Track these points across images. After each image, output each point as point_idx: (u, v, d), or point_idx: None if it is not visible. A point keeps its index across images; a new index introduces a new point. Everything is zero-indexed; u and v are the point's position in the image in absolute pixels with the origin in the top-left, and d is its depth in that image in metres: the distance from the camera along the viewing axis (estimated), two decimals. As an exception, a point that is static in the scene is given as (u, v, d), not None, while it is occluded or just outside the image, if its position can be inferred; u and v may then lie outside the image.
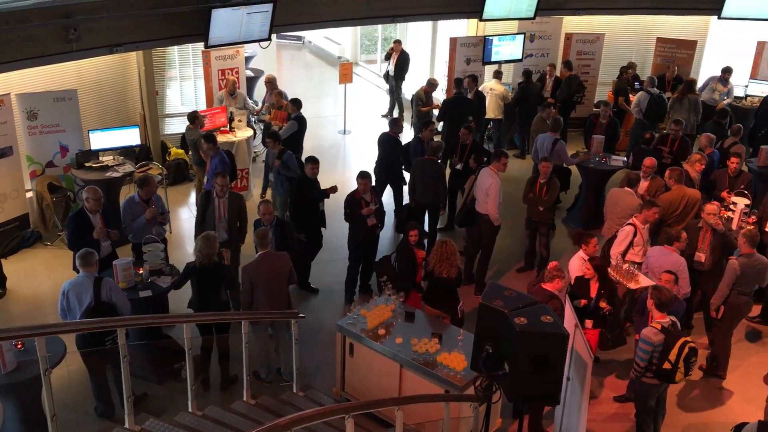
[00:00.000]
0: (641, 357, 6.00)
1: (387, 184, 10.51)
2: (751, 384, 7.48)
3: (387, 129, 10.57)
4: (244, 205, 8.45)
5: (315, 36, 20.75)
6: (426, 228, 9.66)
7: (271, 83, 12.21)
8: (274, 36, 11.04)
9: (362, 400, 6.38)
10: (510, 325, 4.70)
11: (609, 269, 7.34)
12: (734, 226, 8.55)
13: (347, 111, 14.62)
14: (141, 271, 7.40)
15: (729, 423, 5.62)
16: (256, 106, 12.94)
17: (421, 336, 6.57)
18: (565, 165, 10.79)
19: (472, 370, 5.32)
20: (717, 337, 7.61)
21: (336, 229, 9.31)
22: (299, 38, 21.37)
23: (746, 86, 14.09)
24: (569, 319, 5.58)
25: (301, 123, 10.90)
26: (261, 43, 10.67)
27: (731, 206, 8.87)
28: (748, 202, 8.91)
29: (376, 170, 10.30)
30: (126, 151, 10.65)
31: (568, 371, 5.35)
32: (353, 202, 8.36)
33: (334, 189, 9.02)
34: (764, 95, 13.14)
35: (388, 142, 10.35)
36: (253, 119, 12.66)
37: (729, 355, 7.58)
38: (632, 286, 7.36)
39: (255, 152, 12.78)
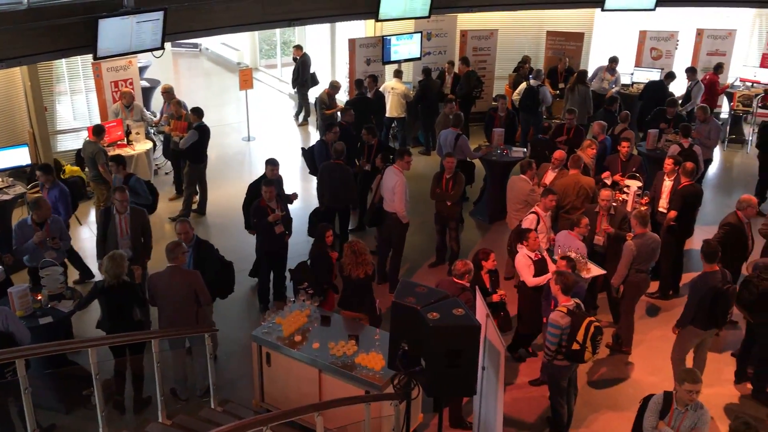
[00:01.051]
0: (551, 341, 6.20)
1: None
2: (654, 357, 7.87)
3: (293, 133, 10.48)
4: (147, 219, 8.18)
5: (212, 42, 20.37)
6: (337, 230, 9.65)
7: (168, 93, 11.88)
8: (168, 44, 10.75)
9: (282, 409, 6.30)
10: (423, 320, 4.76)
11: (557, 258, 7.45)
12: (629, 208, 8.97)
13: (250, 117, 14.42)
14: (39, 297, 7.03)
15: (637, 396, 5.87)
16: (154, 117, 12.56)
17: (338, 339, 6.56)
18: (468, 159, 11.03)
19: (390, 368, 5.36)
20: (620, 315, 7.97)
21: (248, 237, 9.16)
22: (196, 45, 20.91)
23: (632, 74, 14.85)
24: (480, 310, 5.71)
25: (203, 132, 10.65)
26: (154, 52, 10.35)
27: (625, 189, 9.31)
28: (640, 184, 9.38)
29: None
30: (16, 172, 10.11)
31: (483, 361, 5.47)
32: (259, 211, 8.23)
33: (294, 195, 9.10)
34: (648, 82, 13.88)
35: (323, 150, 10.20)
36: (152, 131, 12.29)
37: (633, 331, 7.96)
38: (584, 275, 7.48)
39: (156, 165, 12.42)
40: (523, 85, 13.17)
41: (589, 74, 14.11)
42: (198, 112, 10.71)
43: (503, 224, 10.01)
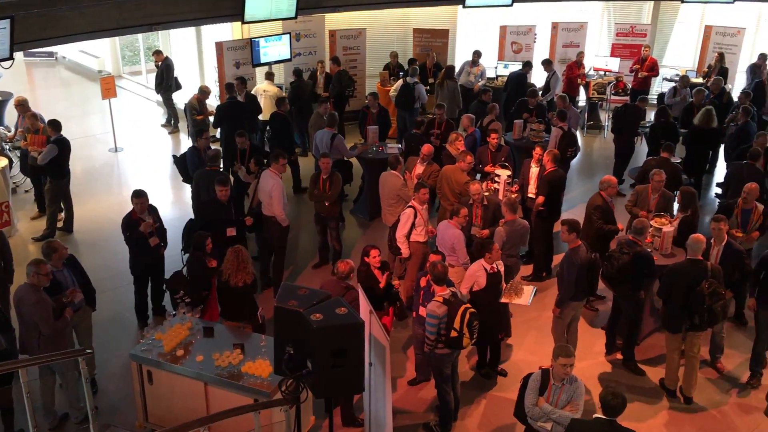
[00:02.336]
0: (430, 331, 6.31)
1: None
2: (532, 337, 8.23)
3: (163, 141, 10.12)
4: (7, 242, 7.65)
5: (69, 50, 19.28)
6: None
7: (22, 106, 11.10)
8: (19, 54, 10.06)
9: (167, 427, 6.08)
10: (307, 323, 4.74)
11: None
12: (501, 197, 9.34)
13: (116, 127, 13.78)
14: None
15: (519, 376, 6.11)
16: (9, 132, 11.75)
17: (222, 349, 6.41)
18: (346, 158, 11.09)
19: (276, 374, 5.30)
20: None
21: (118, 252, 8.75)
22: (51, 54, 19.74)
23: (495, 68, 15.47)
24: (364, 307, 5.76)
25: (63, 146, 10.04)
26: (3, 63, 9.66)
27: (495, 179, 9.68)
28: (509, 173, 9.79)
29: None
30: None
31: (370, 357, 5.52)
32: (131, 224, 7.89)
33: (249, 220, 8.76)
34: (509, 74, 14.51)
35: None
36: (6, 147, 11.48)
37: (510, 314, 8.29)
38: (517, 299, 7.34)
39: (14, 183, 11.62)
40: (400, 82, 13.42)
41: (456, 69, 14.56)
42: (55, 124, 10.08)
43: (379, 220, 10.15)
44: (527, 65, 14.26)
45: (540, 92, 13.19)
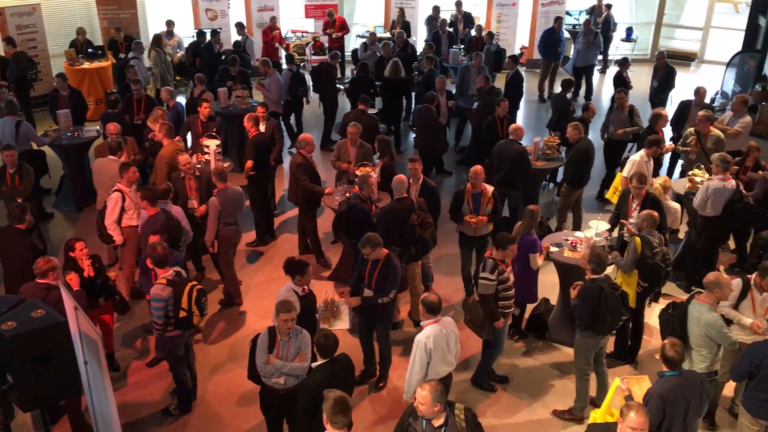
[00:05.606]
0: (157, 315, 6.10)
1: None
2: (263, 300, 8.26)
3: None
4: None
5: None
6: None
7: None
8: None
9: None
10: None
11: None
12: (212, 167, 9.18)
13: None
14: None
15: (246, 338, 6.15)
16: None
17: None
18: (37, 147, 10.07)
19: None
20: (223, 269, 8.24)
21: None
22: None
23: (193, 36, 15.03)
24: (68, 304, 5.34)
25: None
26: None
27: (205, 150, 9.49)
28: (218, 142, 9.65)
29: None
30: None
31: (84, 356, 5.16)
32: None
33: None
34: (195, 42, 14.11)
35: None
36: None
37: (237, 281, 8.31)
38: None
39: None
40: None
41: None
42: None
43: (94, 210, 9.45)
44: (201, 34, 13.91)
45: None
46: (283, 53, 15.41)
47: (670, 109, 11.25)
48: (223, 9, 15.58)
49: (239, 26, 14.28)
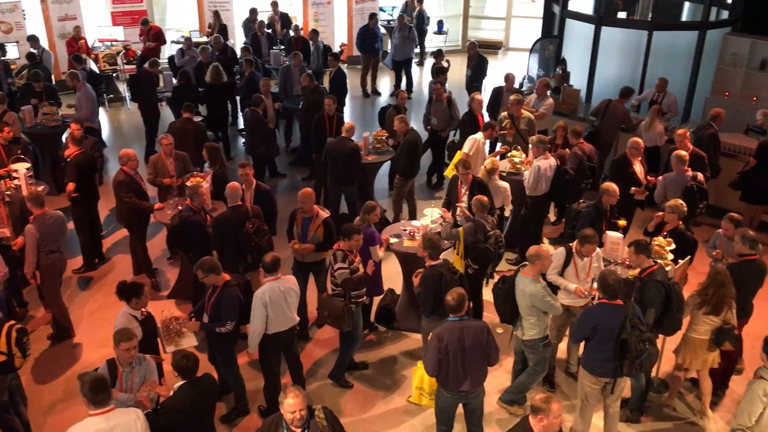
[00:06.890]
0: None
1: None
2: (98, 330, 7.74)
3: None
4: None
5: None
6: None
7: None
8: None
9: None
10: None
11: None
12: (24, 192, 8.41)
13: None
14: None
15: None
16: None
17: None
18: None
19: None
20: (49, 302, 7.60)
21: None
22: None
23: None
24: None
25: None
26: None
27: (14, 174, 8.68)
28: (28, 165, 8.89)
29: None
30: None
31: None
32: None
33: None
34: None
35: None
36: None
37: (67, 313, 7.67)
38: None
39: None
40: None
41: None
42: None
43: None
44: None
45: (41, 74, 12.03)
46: (92, 65, 14.48)
47: (485, 96, 11.89)
48: (18, 21, 14.30)
49: (32, 39, 13.15)
